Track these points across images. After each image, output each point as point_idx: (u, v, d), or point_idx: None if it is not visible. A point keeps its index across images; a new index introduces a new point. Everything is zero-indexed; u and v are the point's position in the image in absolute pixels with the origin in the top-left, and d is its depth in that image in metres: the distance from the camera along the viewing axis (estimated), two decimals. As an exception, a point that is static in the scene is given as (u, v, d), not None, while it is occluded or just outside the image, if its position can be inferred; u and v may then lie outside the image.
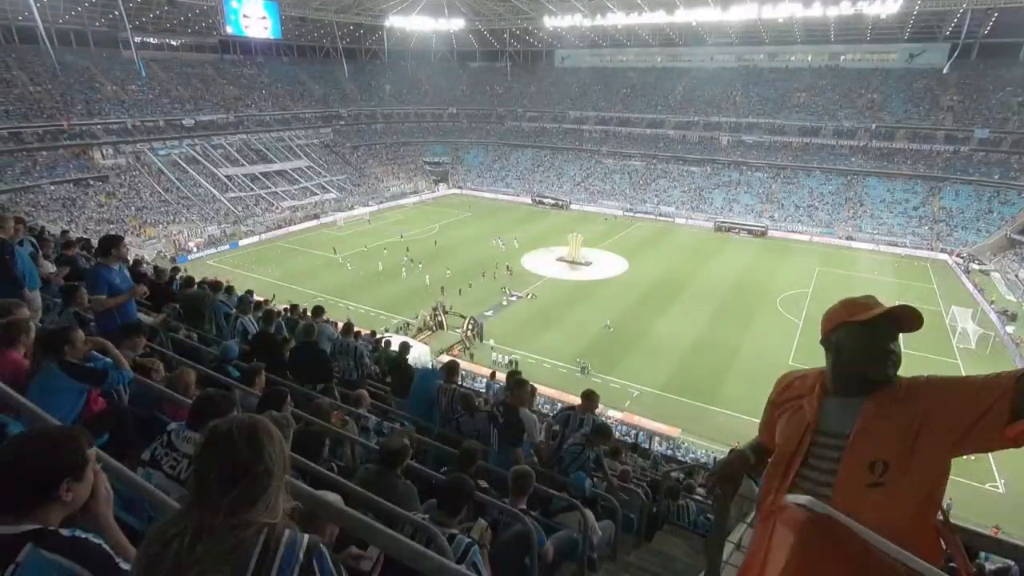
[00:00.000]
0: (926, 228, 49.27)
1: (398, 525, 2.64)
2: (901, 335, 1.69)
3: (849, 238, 49.82)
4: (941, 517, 1.56)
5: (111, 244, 5.73)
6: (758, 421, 2.03)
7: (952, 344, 29.67)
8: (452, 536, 3.17)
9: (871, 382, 1.60)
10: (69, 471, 1.59)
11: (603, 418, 13.76)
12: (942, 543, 1.55)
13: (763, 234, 51.26)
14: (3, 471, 1.51)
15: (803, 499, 1.39)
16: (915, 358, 28.09)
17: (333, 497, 2.26)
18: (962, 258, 43.48)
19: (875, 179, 56.10)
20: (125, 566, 1.57)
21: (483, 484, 4.36)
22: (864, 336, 1.62)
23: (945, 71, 59.35)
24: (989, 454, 20.43)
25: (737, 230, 52.29)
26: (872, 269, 42.53)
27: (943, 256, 45.21)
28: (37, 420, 2.68)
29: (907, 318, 1.61)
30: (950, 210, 50.39)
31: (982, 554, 6.31)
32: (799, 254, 46.14)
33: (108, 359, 3.94)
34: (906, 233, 49.19)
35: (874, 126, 58.36)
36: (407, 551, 1.45)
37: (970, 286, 38.57)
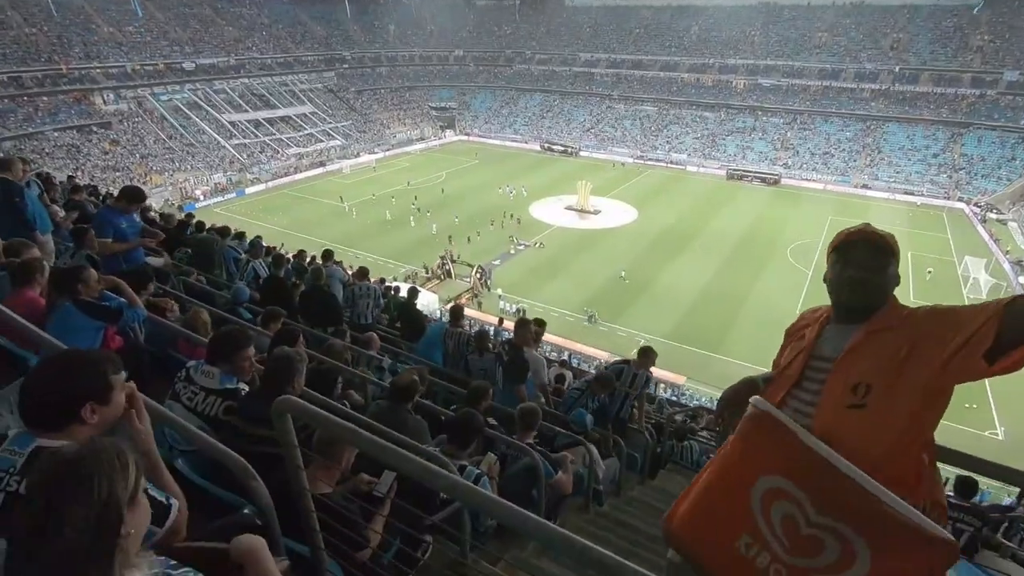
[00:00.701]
0: (945, 176, 48.00)
1: (410, 455, 2.73)
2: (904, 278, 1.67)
3: (864, 186, 48.72)
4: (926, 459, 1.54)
5: (125, 195, 5.69)
6: (763, 370, 2.05)
7: (963, 294, 29.47)
8: (462, 467, 3.28)
9: (867, 309, 1.59)
10: (91, 394, 1.61)
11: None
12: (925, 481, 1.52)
13: (776, 182, 50.23)
14: (32, 391, 1.58)
15: (753, 398, 1.45)
16: (924, 308, 27.98)
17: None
18: (979, 207, 42.55)
19: (895, 124, 54.27)
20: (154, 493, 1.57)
21: (491, 421, 4.48)
22: (836, 262, 1.63)
23: (977, 11, 56.27)
24: (991, 401, 20.71)
25: (750, 178, 51.22)
26: (886, 219, 41.78)
27: (960, 205, 44.25)
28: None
29: (869, 242, 1.59)
30: (971, 157, 48.90)
31: (979, 495, 6.48)
32: (812, 203, 45.31)
33: (122, 299, 4.00)
34: (924, 181, 47.99)
35: (898, 68, 55.92)
36: (420, 470, 1.49)
37: (986, 236, 37.91)
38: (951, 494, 4.91)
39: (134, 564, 1.15)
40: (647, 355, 6.19)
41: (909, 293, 29.73)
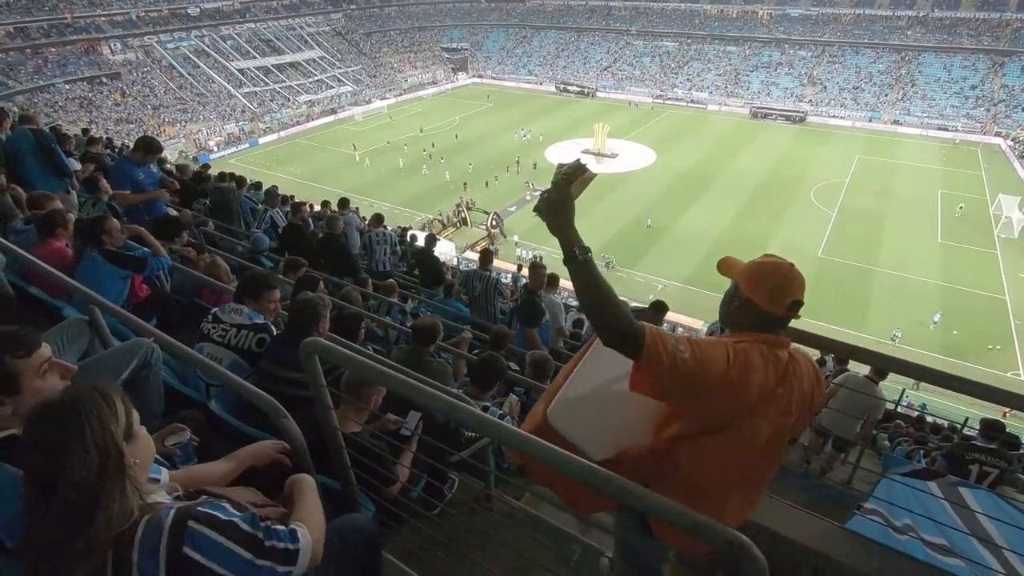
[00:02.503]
0: (982, 110, 45.61)
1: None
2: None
3: (896, 122, 46.64)
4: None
5: (142, 146, 5.67)
6: None
7: (993, 234, 28.57)
8: (485, 408, 3.35)
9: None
10: None
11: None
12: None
13: (802, 120, 48.27)
14: None
15: None
16: (953, 249, 27.28)
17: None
18: (1017, 142, 40.58)
19: (931, 55, 51.27)
20: None
21: (513, 366, 4.54)
22: None
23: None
24: (1016, 342, 20.45)
25: (774, 116, 49.26)
26: (916, 156, 40.18)
27: (997, 140, 42.24)
28: (90, 303, 2.80)
29: None
30: (1012, 88, 46.23)
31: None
32: (839, 141, 43.61)
33: (145, 249, 4.05)
34: (959, 116, 45.71)
35: (938, -8, 52.36)
36: (449, 407, 1.51)
37: (1022, 172, 36.33)
38: (973, 433, 4.93)
39: (149, 490, 1.22)
40: (659, 310, 6.18)
41: (937, 233, 28.95)
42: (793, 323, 1.70)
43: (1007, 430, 4.76)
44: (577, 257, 1.44)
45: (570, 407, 1.63)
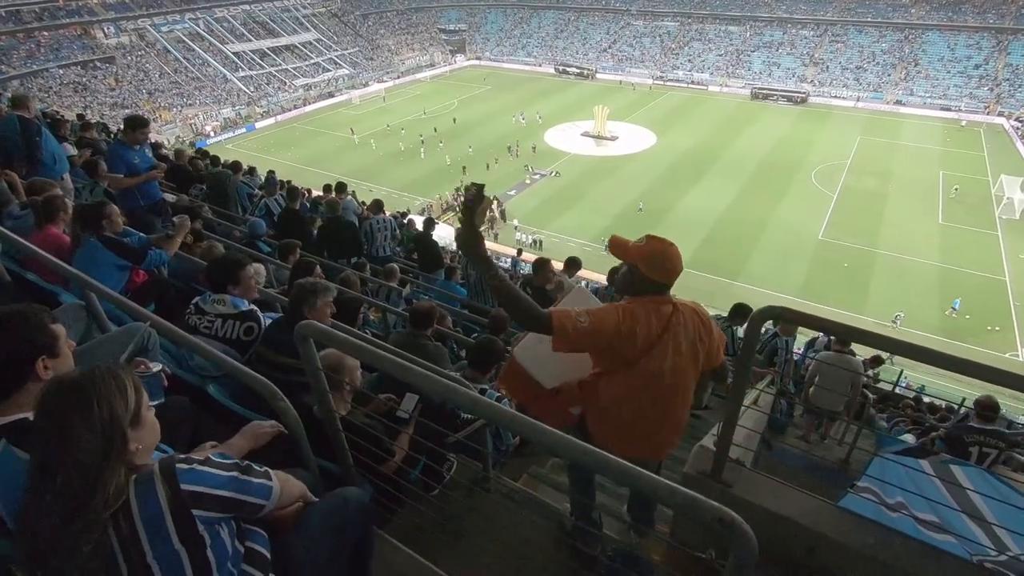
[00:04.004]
0: (985, 89, 45.12)
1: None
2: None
3: (898, 103, 46.17)
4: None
5: (129, 125, 5.63)
6: (781, 295, 2.10)
7: (995, 215, 28.45)
8: (482, 391, 3.37)
9: None
10: (41, 348, 1.53)
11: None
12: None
13: (803, 101, 47.81)
14: None
15: None
16: (952, 230, 27.18)
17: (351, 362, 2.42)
18: (1021, 122, 40.23)
19: (935, 33, 50.58)
20: None
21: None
22: None
23: None
24: (1015, 323, 20.48)
25: (775, 97, 48.76)
26: (918, 137, 39.84)
27: (1000, 120, 41.87)
28: (88, 289, 2.80)
29: None
30: (1016, 67, 45.71)
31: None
32: (840, 122, 43.24)
33: (143, 235, 4.04)
34: (962, 96, 45.23)
35: (943, -32, 51.47)
36: (443, 388, 1.52)
37: (1025, 152, 36.10)
38: (971, 410, 4.95)
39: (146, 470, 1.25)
40: (739, 314, 6.23)
41: (937, 215, 28.84)
42: (796, 307, 2.11)
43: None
44: (490, 282, 1.88)
45: (530, 350, 2.15)
